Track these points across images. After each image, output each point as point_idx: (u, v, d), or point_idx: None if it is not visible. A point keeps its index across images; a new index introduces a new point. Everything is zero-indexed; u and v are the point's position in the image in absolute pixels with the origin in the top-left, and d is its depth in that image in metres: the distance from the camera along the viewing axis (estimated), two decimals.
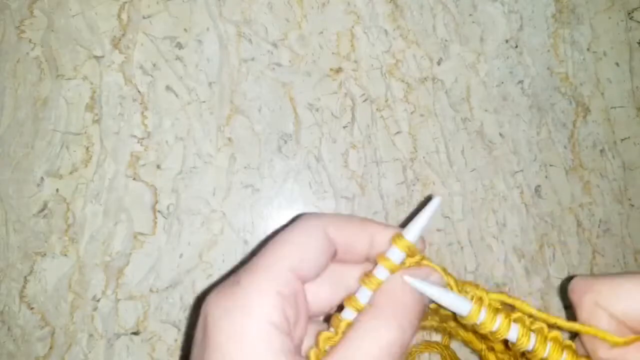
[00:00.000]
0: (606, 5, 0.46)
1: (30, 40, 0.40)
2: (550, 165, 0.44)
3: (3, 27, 0.40)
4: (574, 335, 0.25)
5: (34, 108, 0.40)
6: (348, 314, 0.23)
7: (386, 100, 0.43)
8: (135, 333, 0.39)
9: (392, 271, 0.23)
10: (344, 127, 0.42)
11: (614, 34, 0.46)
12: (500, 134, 0.44)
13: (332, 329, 0.23)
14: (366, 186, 0.42)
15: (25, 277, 0.38)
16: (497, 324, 0.23)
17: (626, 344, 0.23)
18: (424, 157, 0.42)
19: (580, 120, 0.45)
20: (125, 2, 0.41)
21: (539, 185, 0.44)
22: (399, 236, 0.24)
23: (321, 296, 0.25)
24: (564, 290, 0.42)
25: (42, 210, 0.39)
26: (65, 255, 0.39)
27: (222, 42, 0.41)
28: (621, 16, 0.46)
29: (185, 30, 0.41)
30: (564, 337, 0.24)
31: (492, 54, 0.44)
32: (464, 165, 0.43)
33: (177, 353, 0.39)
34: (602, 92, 0.45)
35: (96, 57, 0.40)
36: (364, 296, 0.23)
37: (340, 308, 0.24)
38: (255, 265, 0.23)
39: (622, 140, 0.45)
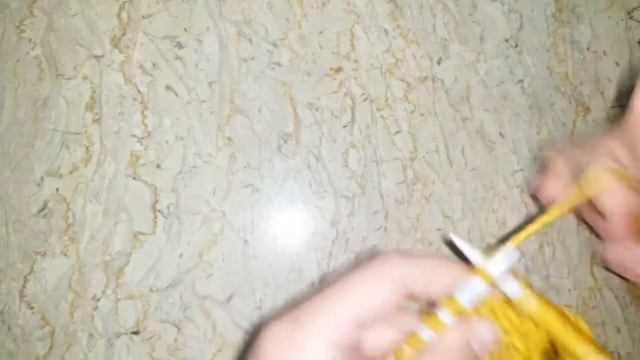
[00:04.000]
0: (606, 5, 0.46)
1: (30, 40, 0.40)
2: None
3: (3, 26, 0.40)
4: None
5: (34, 108, 0.40)
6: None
7: (386, 100, 0.43)
8: (135, 332, 0.39)
9: (456, 313, 0.23)
10: (344, 127, 0.42)
11: (614, 34, 0.46)
12: (500, 134, 0.44)
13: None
14: (366, 185, 0.42)
15: (25, 276, 0.38)
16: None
17: None
18: (424, 157, 0.42)
19: (580, 119, 0.45)
20: (125, 2, 0.41)
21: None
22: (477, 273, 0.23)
23: (378, 340, 0.24)
24: None
25: (42, 209, 0.39)
26: (65, 254, 0.39)
27: (222, 41, 0.41)
28: (621, 15, 0.46)
29: (185, 29, 0.41)
30: None
31: (492, 53, 0.44)
32: (464, 164, 0.43)
33: (177, 352, 0.39)
34: (602, 92, 0.45)
35: (96, 57, 0.40)
36: (425, 334, 0.23)
37: None
38: (319, 307, 0.22)
39: None
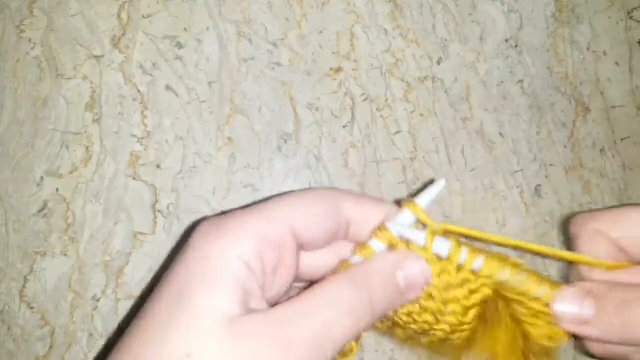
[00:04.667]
0: (606, 5, 0.46)
1: (30, 40, 0.40)
2: (550, 165, 0.44)
3: (3, 27, 0.40)
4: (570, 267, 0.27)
5: (34, 108, 0.40)
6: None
7: (386, 100, 0.43)
8: None
9: (388, 243, 0.25)
10: (344, 127, 0.42)
11: (614, 34, 0.46)
12: (500, 134, 0.44)
13: None
14: (366, 186, 0.42)
15: (25, 276, 0.38)
16: (464, 254, 0.26)
17: (620, 267, 0.25)
18: (424, 157, 0.42)
19: (580, 119, 0.45)
20: (125, 2, 0.41)
21: (539, 185, 0.44)
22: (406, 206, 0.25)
23: (314, 260, 0.25)
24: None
25: (42, 210, 0.39)
26: (65, 255, 0.39)
27: (222, 41, 0.41)
28: (621, 16, 0.46)
29: (185, 29, 0.41)
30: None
31: (492, 53, 0.44)
32: (464, 164, 0.43)
33: None
34: (602, 92, 0.45)
35: (96, 57, 0.40)
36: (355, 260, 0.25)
37: None
38: (256, 208, 0.23)
39: (622, 140, 0.45)
